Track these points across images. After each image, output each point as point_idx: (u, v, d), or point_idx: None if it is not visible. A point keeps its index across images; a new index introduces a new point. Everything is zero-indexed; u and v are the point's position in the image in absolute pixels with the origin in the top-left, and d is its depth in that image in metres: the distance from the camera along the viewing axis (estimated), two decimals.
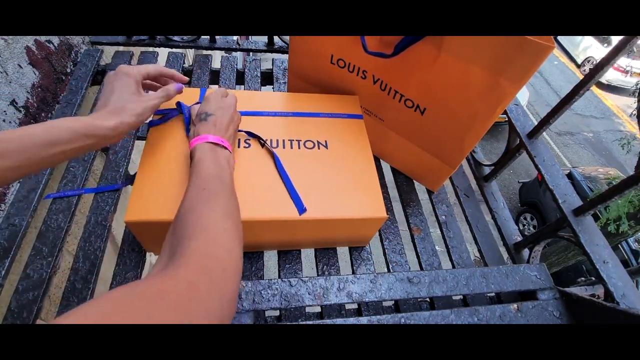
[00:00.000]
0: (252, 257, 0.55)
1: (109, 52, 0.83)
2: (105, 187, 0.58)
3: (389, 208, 0.65)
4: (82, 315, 0.19)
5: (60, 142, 0.35)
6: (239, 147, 0.52)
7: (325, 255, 0.58)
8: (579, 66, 7.06)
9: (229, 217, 0.34)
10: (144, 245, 0.52)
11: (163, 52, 0.84)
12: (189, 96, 0.58)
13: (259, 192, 0.48)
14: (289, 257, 0.57)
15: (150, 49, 0.84)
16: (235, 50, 0.91)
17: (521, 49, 0.42)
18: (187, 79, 0.52)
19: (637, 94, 2.67)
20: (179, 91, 0.49)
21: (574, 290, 0.54)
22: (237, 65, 0.84)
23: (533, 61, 0.43)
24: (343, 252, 0.61)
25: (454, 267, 0.63)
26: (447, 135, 0.58)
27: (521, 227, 3.98)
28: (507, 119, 0.71)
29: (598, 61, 0.53)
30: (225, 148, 0.44)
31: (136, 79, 0.44)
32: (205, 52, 0.94)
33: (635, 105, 2.69)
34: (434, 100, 0.55)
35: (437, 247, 0.64)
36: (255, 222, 0.46)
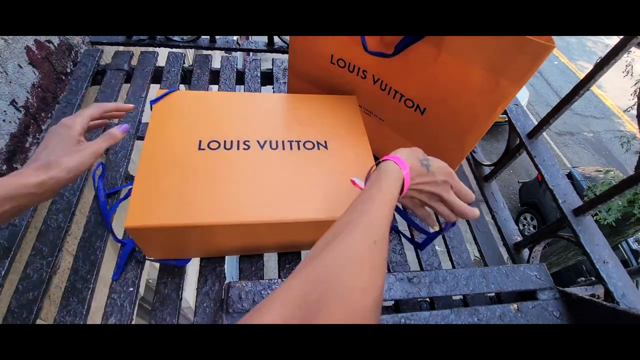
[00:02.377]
0: (252, 257, 0.55)
1: (109, 52, 0.83)
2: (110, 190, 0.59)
3: None
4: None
5: None
6: (237, 149, 0.52)
7: None
8: None
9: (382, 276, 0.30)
10: (144, 251, 0.50)
11: (163, 52, 0.84)
12: (188, 98, 0.58)
13: (259, 194, 0.47)
14: (289, 257, 0.57)
15: (150, 49, 0.84)
16: (235, 50, 0.91)
17: (521, 49, 0.42)
18: (131, 107, 0.50)
19: (637, 94, 2.67)
20: (125, 132, 0.46)
21: (574, 290, 0.54)
22: (237, 65, 0.84)
23: (533, 61, 0.43)
24: None
25: (454, 267, 0.63)
26: (447, 135, 0.58)
27: (521, 227, 3.98)
28: (507, 119, 0.71)
29: (598, 61, 0.54)
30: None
31: (77, 130, 0.41)
32: (205, 52, 0.94)
33: (635, 104, 2.69)
34: (434, 100, 0.55)
35: (437, 247, 0.64)
36: (255, 224, 0.46)
